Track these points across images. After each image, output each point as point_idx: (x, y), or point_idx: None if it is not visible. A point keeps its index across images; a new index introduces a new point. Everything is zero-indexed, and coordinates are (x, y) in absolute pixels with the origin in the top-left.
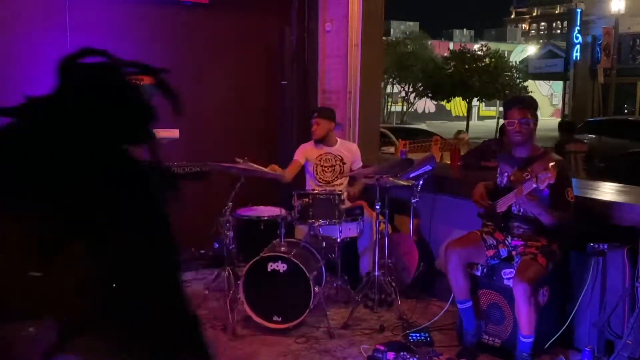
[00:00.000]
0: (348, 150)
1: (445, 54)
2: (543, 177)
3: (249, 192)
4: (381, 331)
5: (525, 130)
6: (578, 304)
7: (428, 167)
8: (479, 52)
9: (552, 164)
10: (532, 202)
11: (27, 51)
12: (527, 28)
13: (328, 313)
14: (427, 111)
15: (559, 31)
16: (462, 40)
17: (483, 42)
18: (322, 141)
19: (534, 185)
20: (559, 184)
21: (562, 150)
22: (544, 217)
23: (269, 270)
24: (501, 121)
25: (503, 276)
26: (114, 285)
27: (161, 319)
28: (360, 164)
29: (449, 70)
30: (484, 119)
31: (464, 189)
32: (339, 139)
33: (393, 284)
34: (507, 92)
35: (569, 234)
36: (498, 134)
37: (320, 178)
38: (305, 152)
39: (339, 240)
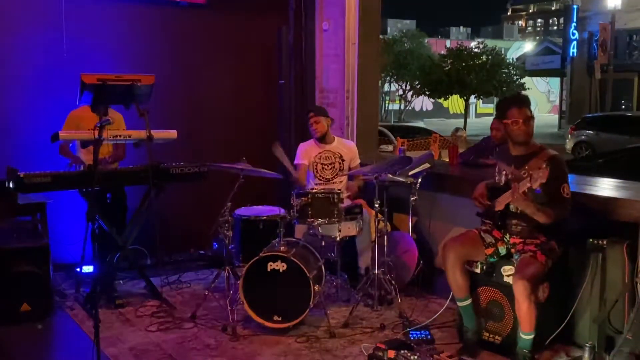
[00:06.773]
0: (346, 147)
1: (442, 52)
2: (536, 176)
3: (248, 192)
4: (382, 329)
5: (530, 129)
6: (578, 299)
7: (427, 165)
8: (476, 50)
9: (544, 164)
10: (526, 202)
11: (23, 53)
12: (524, 25)
13: (328, 312)
14: (424, 109)
15: (555, 27)
16: (458, 37)
17: (480, 40)
18: (324, 138)
19: (528, 185)
20: (553, 180)
21: None
22: (538, 216)
23: (268, 269)
24: None
25: (502, 273)
26: None
27: None
28: (358, 161)
29: (446, 68)
30: (482, 116)
31: (463, 186)
32: (336, 137)
33: (393, 282)
34: (504, 89)
35: (568, 231)
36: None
37: (320, 176)
38: (306, 153)
39: (338, 239)
